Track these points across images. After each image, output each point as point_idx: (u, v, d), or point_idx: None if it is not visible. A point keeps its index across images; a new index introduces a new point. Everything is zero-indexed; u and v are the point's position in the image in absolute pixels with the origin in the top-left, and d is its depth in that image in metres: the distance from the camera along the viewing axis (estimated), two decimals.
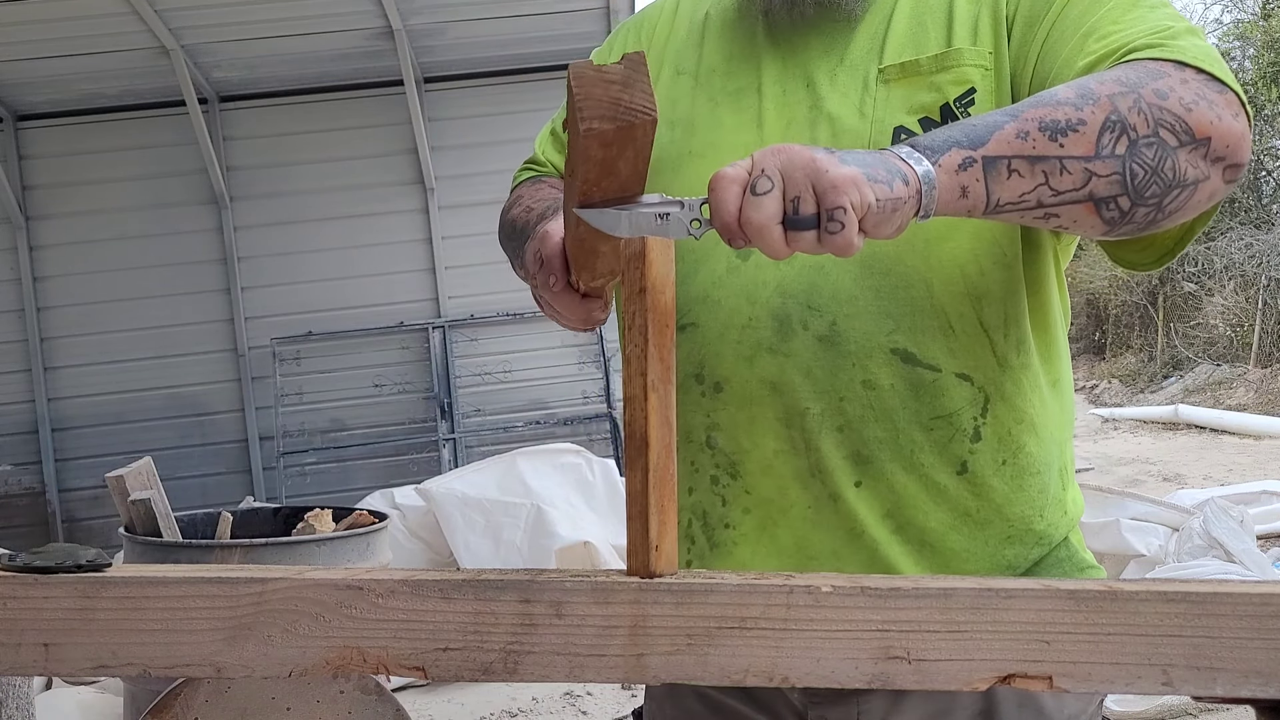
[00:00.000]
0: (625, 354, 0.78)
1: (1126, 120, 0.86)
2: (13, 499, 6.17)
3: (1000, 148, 0.85)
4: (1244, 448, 9.08)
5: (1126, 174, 0.86)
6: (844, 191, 0.79)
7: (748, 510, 1.07)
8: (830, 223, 0.79)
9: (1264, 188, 14.87)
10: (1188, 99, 0.88)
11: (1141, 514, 4.18)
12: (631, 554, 0.77)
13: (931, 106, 1.03)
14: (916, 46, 1.06)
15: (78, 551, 0.80)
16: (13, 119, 6.11)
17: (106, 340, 6.15)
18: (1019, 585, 0.71)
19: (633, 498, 0.77)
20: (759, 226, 0.80)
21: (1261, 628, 0.68)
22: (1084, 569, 1.12)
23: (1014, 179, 0.85)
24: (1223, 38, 16.30)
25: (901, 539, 1.05)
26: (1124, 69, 0.90)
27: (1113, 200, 0.87)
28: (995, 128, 0.85)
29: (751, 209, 0.80)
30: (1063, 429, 1.11)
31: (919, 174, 0.83)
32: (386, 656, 0.75)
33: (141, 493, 2.60)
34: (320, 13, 5.35)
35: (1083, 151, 0.86)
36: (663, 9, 1.28)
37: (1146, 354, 14.88)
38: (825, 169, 0.79)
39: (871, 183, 0.80)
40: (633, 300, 0.78)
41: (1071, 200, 0.87)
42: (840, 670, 0.72)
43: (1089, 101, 0.86)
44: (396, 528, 4.57)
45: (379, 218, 6.26)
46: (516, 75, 6.16)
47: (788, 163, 0.80)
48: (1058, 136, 0.85)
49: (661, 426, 0.78)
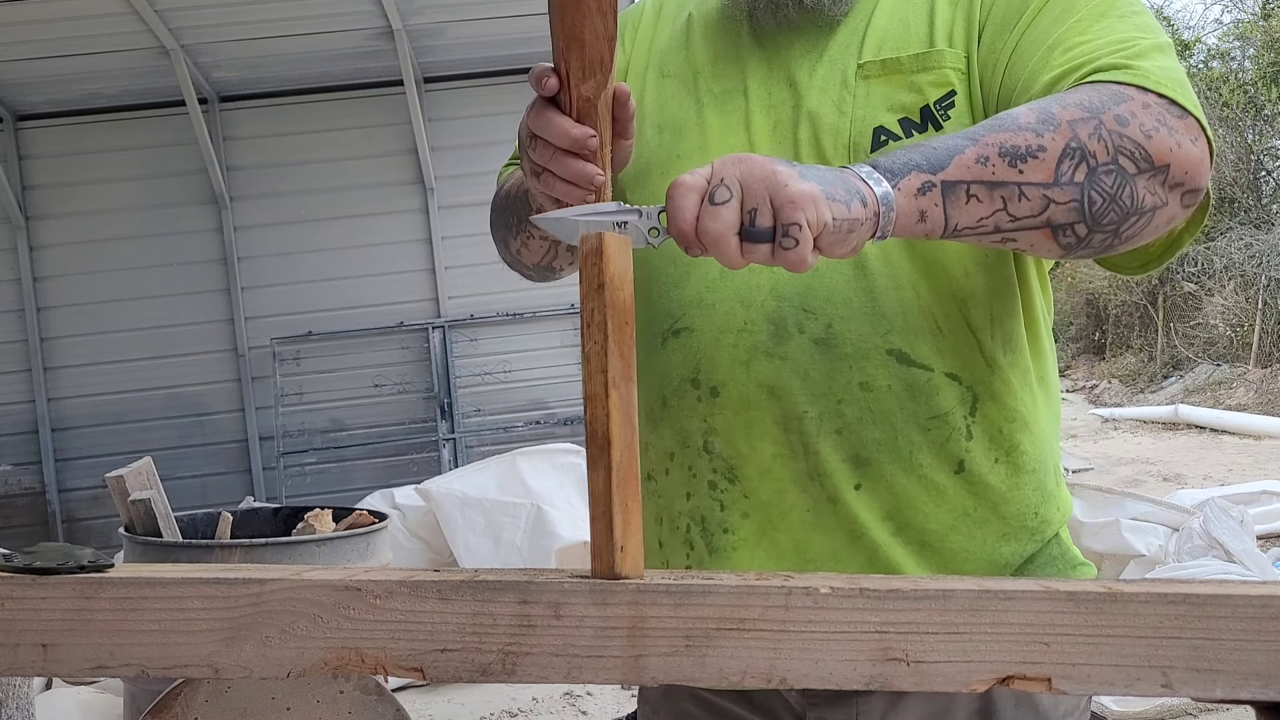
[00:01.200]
0: (585, 352, 0.78)
1: (1086, 147, 0.86)
2: (13, 499, 6.17)
3: (960, 172, 0.85)
4: (1244, 448, 9.08)
5: (1085, 201, 0.87)
6: (801, 208, 0.78)
7: (746, 515, 1.07)
8: (785, 238, 0.79)
9: (1264, 188, 14.87)
10: (1148, 125, 0.88)
11: (1141, 514, 4.18)
12: (596, 555, 0.76)
13: (912, 107, 1.03)
14: (898, 44, 1.06)
15: (77, 552, 0.80)
16: (13, 119, 6.11)
17: (106, 340, 6.15)
18: (1018, 586, 0.71)
19: (595, 498, 0.76)
20: (715, 236, 0.79)
21: (1261, 629, 0.68)
22: (1075, 566, 1.13)
23: (972, 204, 0.85)
24: (1223, 38, 16.31)
25: (902, 540, 1.05)
26: (1087, 91, 0.90)
27: (1069, 227, 0.88)
28: (955, 151, 0.85)
29: (709, 218, 0.79)
30: (1052, 425, 1.12)
31: (877, 196, 0.83)
32: (385, 657, 0.75)
33: (141, 493, 2.60)
34: (320, 13, 5.35)
35: (1041, 178, 0.86)
36: (644, 11, 1.27)
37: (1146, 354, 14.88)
38: (785, 183, 0.79)
39: (829, 201, 0.80)
40: (591, 297, 0.77)
41: (1029, 226, 0.87)
42: (839, 672, 0.71)
43: (1050, 127, 0.86)
44: (396, 528, 4.57)
45: (379, 218, 6.26)
46: (516, 75, 6.15)
47: (747, 173, 0.80)
48: (1017, 162, 0.85)
49: (624, 424, 0.77)
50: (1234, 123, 14.31)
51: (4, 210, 6.05)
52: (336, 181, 6.22)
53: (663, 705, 1.21)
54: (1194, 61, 16.14)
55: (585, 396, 0.77)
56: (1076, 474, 7.87)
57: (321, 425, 6.28)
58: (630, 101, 0.94)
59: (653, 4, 1.27)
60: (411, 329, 6.31)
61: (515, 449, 5.10)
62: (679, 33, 1.21)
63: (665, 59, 1.20)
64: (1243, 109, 14.18)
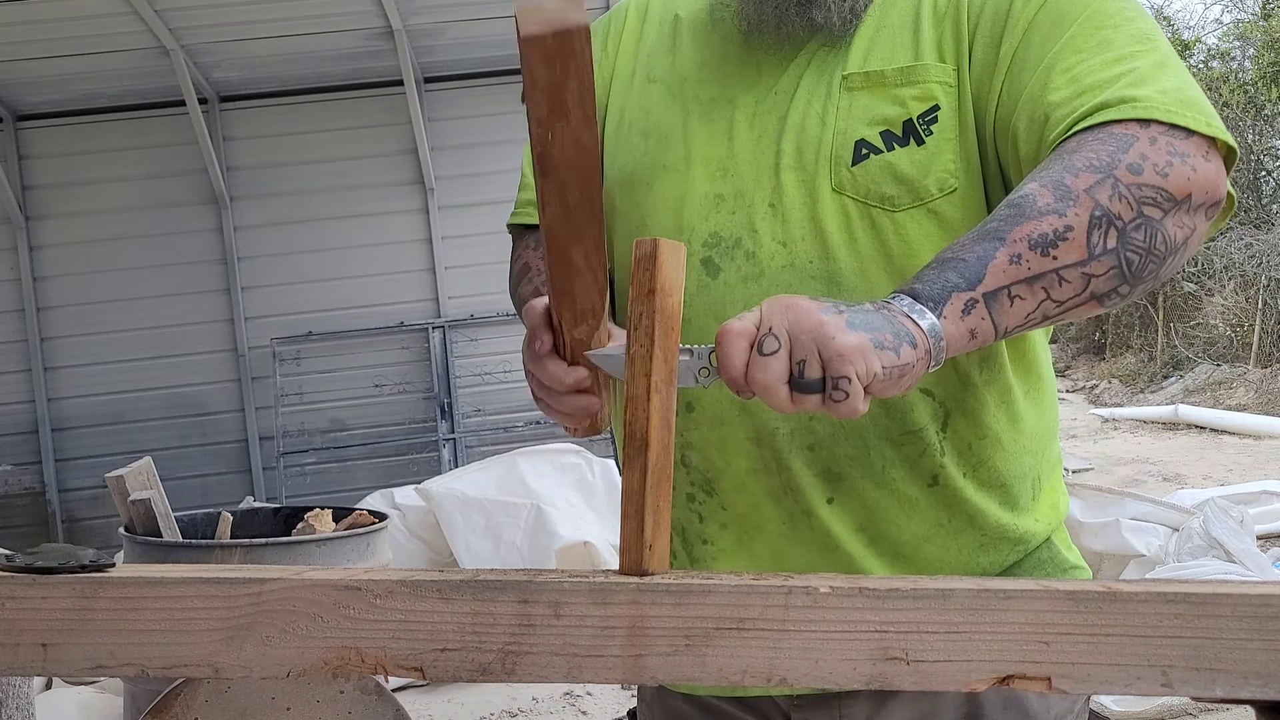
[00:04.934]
0: (630, 354, 0.79)
1: (1110, 211, 0.86)
2: (13, 499, 6.17)
3: (997, 279, 0.85)
4: (1244, 448, 9.07)
5: (1123, 264, 0.87)
6: (850, 361, 0.78)
7: (724, 526, 1.08)
8: (835, 390, 0.79)
9: (1264, 188, 14.88)
10: (1161, 163, 0.88)
11: (1141, 514, 4.18)
12: (624, 552, 0.77)
13: (894, 120, 1.02)
14: (882, 56, 1.05)
15: (78, 552, 0.80)
16: (13, 119, 6.11)
17: (106, 340, 6.15)
18: (1018, 586, 0.71)
19: (629, 496, 0.78)
20: (764, 386, 0.80)
21: (1261, 629, 0.68)
22: (1066, 570, 1.12)
23: (1017, 304, 0.85)
24: (1223, 38, 16.31)
25: (876, 551, 1.05)
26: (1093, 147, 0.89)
27: (1113, 292, 0.89)
28: (988, 259, 0.85)
29: (758, 369, 0.80)
30: (1039, 439, 1.10)
31: (925, 330, 0.82)
32: (384, 657, 0.75)
33: (141, 493, 2.61)
34: (320, 13, 5.35)
35: (1077, 258, 0.86)
36: (628, 14, 1.25)
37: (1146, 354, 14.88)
38: (832, 335, 0.79)
39: (878, 349, 0.79)
40: (640, 301, 0.78)
41: (1074, 305, 0.88)
42: (838, 671, 0.72)
43: (1070, 204, 0.86)
44: (396, 528, 4.57)
45: (379, 218, 6.26)
46: (516, 75, 6.09)
47: (795, 324, 0.80)
48: (1049, 250, 0.85)
49: (662, 428, 0.78)
50: (1234, 123, 14.29)
51: (4, 210, 6.05)
52: (336, 181, 6.22)
53: (656, 702, 1.21)
54: (1194, 61, 16.13)
55: (627, 397, 0.78)
56: (1076, 474, 7.87)
57: (321, 425, 6.28)
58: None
59: (637, 4, 1.25)
60: (411, 329, 6.31)
61: (515, 449, 5.10)
62: (666, 35, 1.19)
63: (652, 63, 1.18)
64: (1243, 109, 14.17)
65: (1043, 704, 1.07)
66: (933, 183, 1.01)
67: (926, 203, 1.02)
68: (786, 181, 1.04)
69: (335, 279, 6.23)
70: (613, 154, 1.17)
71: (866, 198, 1.02)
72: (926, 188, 1.01)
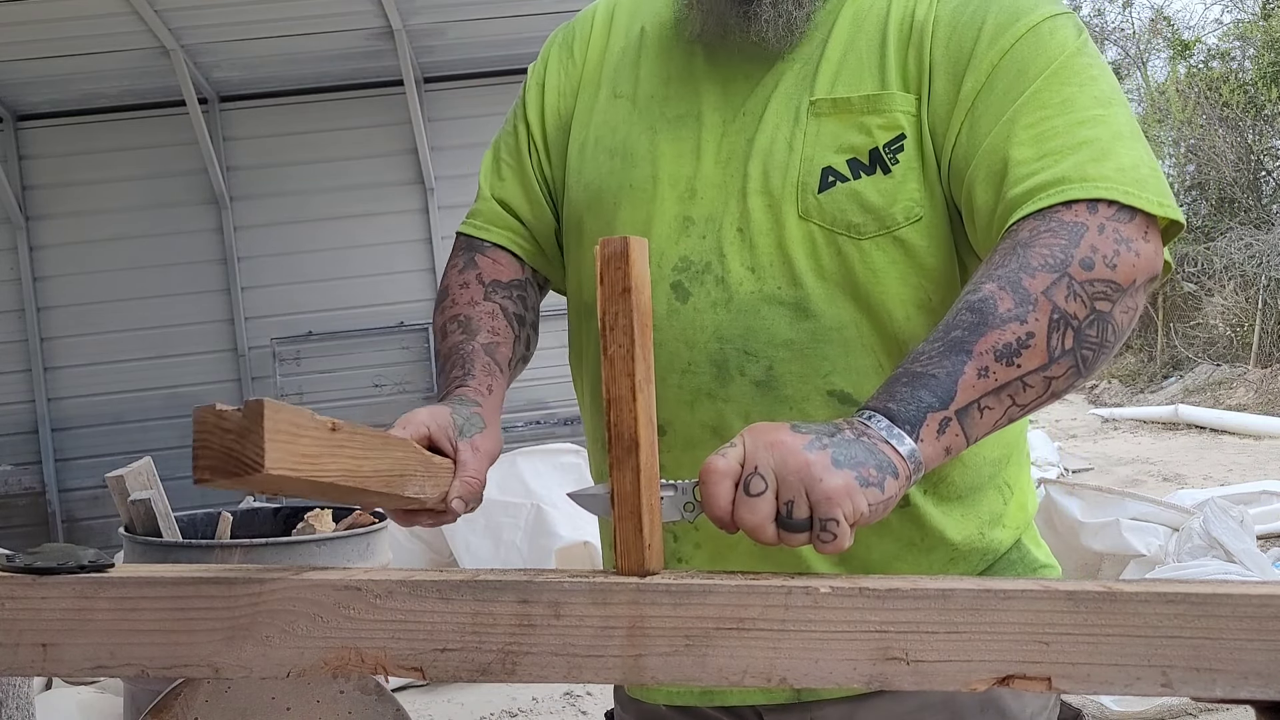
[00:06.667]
0: (608, 354, 0.79)
1: (1066, 312, 0.88)
2: (13, 499, 6.17)
3: (968, 395, 0.86)
4: (1244, 448, 9.07)
5: (1079, 363, 0.90)
6: (838, 504, 0.79)
7: (699, 545, 1.09)
8: (823, 532, 0.79)
9: (1264, 188, 14.87)
10: (1109, 253, 0.90)
11: (1141, 514, 4.18)
12: (624, 554, 0.77)
13: (861, 149, 1.02)
14: (849, 83, 1.04)
15: (78, 552, 0.80)
16: (13, 119, 6.11)
17: (106, 340, 6.15)
18: (1017, 586, 0.71)
19: (623, 498, 0.78)
20: (753, 527, 0.80)
21: (1261, 629, 0.68)
22: (1036, 569, 1.13)
23: (986, 414, 0.87)
24: (1223, 38, 16.30)
25: (847, 570, 1.06)
26: (1045, 244, 0.90)
27: (1070, 386, 0.91)
28: (956, 374, 0.86)
29: (745, 509, 0.79)
30: (1001, 445, 1.11)
31: (905, 457, 0.83)
32: (384, 657, 0.75)
33: (141, 493, 2.61)
34: (320, 13, 5.35)
35: (1039, 363, 0.88)
36: (594, 21, 1.23)
37: (1146, 354, 14.88)
38: (819, 477, 0.79)
39: (864, 487, 0.80)
40: (615, 300, 0.78)
41: (1036, 405, 0.91)
42: (838, 671, 0.72)
43: (1029, 307, 0.87)
44: (396, 528, 4.56)
45: (379, 218, 6.26)
46: (516, 75, 6.14)
47: (781, 464, 0.79)
48: (1013, 360, 0.87)
49: (648, 426, 0.79)
50: (1234, 123, 14.31)
51: (4, 210, 6.05)
52: (336, 181, 6.22)
53: (631, 705, 1.21)
54: (1194, 61, 16.13)
55: (608, 399, 0.78)
56: (1076, 474, 7.86)
57: None
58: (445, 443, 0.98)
59: (604, 12, 1.23)
60: (411, 329, 6.31)
61: (515, 449, 5.10)
62: (631, 47, 1.18)
63: (617, 77, 1.17)
64: (1243, 109, 14.17)
65: (1019, 704, 1.07)
66: (899, 211, 1.02)
67: (893, 230, 1.02)
68: (754, 206, 1.05)
69: (335, 279, 6.23)
70: (578, 171, 1.16)
71: (833, 225, 1.02)
72: (893, 216, 1.02)
